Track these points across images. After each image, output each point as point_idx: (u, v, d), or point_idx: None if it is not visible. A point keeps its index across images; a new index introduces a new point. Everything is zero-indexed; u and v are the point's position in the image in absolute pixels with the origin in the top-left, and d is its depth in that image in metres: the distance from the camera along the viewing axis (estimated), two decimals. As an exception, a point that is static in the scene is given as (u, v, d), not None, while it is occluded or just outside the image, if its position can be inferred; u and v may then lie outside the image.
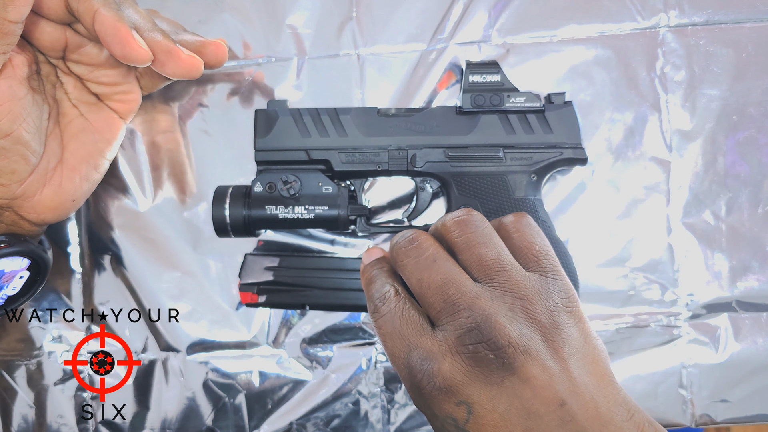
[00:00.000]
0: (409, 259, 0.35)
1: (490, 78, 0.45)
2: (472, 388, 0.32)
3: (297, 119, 0.46)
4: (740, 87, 0.49)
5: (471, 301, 0.33)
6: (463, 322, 0.32)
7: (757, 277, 0.49)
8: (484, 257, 0.35)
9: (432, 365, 0.32)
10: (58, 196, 0.43)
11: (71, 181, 0.43)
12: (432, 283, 0.34)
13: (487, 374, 0.31)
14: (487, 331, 0.31)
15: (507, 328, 0.32)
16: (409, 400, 0.50)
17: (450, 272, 0.34)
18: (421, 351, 0.33)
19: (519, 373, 0.31)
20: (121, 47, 0.38)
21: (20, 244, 0.42)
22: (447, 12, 0.49)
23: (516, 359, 0.31)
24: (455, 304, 0.33)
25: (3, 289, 0.43)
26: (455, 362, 0.32)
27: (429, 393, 0.32)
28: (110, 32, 0.38)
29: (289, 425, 0.51)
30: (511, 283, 0.34)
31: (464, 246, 0.35)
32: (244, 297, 0.47)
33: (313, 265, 0.48)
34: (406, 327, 0.34)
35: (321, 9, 0.50)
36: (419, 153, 0.45)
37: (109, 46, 0.38)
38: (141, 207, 0.51)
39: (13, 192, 0.40)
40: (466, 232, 0.36)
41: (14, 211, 0.42)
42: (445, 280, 0.34)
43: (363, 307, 0.48)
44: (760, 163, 0.49)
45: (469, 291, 0.33)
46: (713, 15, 0.49)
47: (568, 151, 0.45)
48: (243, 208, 0.45)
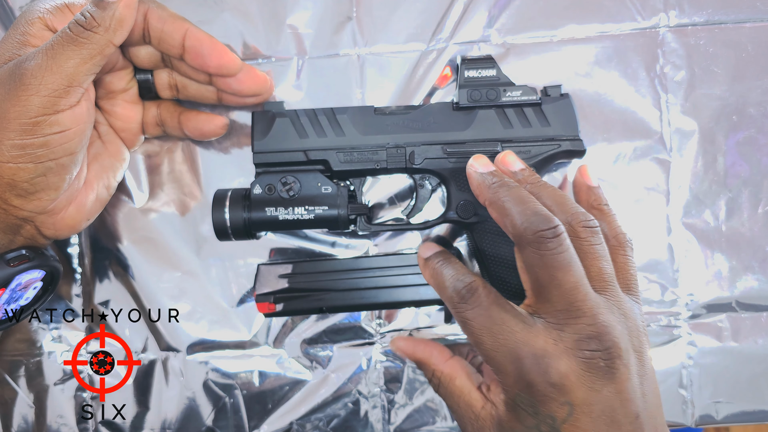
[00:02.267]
0: (548, 251, 0.35)
1: (485, 73, 0.45)
2: (579, 391, 0.34)
3: (294, 120, 0.46)
4: (740, 87, 0.49)
5: (594, 310, 0.35)
6: (584, 329, 0.34)
7: (757, 277, 0.49)
8: (604, 270, 0.37)
9: (548, 362, 0.34)
10: (78, 214, 0.44)
11: (89, 201, 0.44)
12: (564, 283, 0.35)
13: (593, 380, 0.34)
14: (606, 341, 0.34)
15: (620, 341, 0.34)
16: (409, 400, 0.50)
17: (581, 277, 0.35)
18: (533, 347, 0.34)
19: (617, 384, 0.34)
20: (219, 59, 0.43)
21: (39, 258, 0.42)
22: (447, 12, 0.49)
23: (619, 371, 0.34)
24: (580, 310, 0.35)
25: (18, 300, 0.43)
26: (570, 364, 0.34)
27: (542, 389, 0.34)
28: (208, 46, 0.42)
29: (289, 425, 0.51)
30: (619, 299, 0.37)
31: (592, 254, 0.37)
32: (261, 307, 0.47)
33: (326, 268, 0.48)
34: (508, 320, 0.36)
35: (321, 9, 0.50)
36: (417, 150, 0.45)
37: (205, 59, 0.42)
38: (141, 208, 0.51)
39: (45, 207, 0.41)
40: (596, 242, 0.37)
41: (35, 225, 0.42)
42: (576, 284, 0.35)
43: (379, 305, 0.48)
44: (760, 163, 0.49)
45: (593, 300, 0.35)
46: (713, 15, 0.49)
47: (566, 143, 0.45)
48: (243, 211, 0.45)
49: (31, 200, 0.39)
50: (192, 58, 0.43)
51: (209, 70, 0.43)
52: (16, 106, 0.36)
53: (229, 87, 0.45)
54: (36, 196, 0.39)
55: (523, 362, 0.34)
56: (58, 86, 0.37)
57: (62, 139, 0.38)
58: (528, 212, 0.36)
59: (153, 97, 0.47)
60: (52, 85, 0.37)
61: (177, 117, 0.47)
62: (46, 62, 0.37)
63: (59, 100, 0.37)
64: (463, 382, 0.40)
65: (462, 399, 0.40)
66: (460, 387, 0.40)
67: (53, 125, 0.37)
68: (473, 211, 0.45)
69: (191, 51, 0.42)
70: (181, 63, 0.44)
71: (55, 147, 0.38)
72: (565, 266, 0.35)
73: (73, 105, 0.38)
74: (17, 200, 0.39)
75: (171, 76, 0.46)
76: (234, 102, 0.47)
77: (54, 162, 0.39)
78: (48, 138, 0.38)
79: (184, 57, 0.43)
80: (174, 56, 0.44)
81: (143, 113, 0.47)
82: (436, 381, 0.42)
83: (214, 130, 0.47)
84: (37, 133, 0.37)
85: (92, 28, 0.37)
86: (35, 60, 0.37)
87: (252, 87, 0.45)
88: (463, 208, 0.45)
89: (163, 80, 0.46)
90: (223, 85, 0.45)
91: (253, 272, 0.48)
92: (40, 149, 0.38)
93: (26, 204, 0.39)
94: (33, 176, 0.38)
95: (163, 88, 0.47)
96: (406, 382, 0.50)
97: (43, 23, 0.39)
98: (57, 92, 0.37)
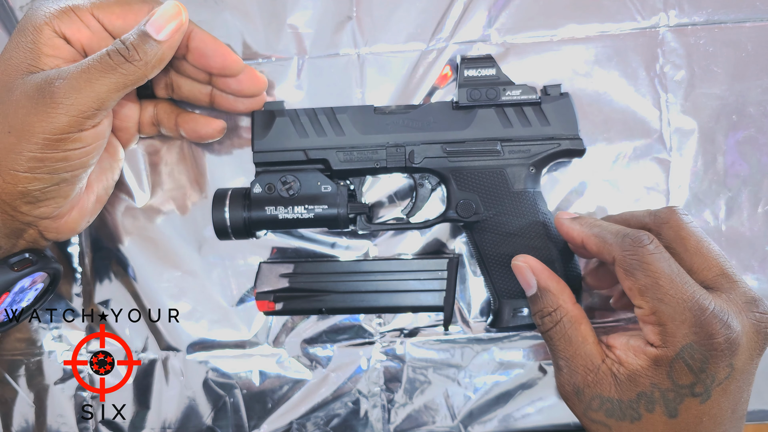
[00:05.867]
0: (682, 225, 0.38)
1: (485, 72, 0.45)
2: (743, 355, 0.34)
3: (294, 120, 0.46)
4: (740, 86, 0.49)
5: (740, 278, 0.36)
6: (746, 292, 0.35)
7: (757, 277, 0.49)
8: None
9: (731, 316, 0.34)
10: (80, 217, 0.44)
11: (90, 203, 0.45)
12: (715, 250, 0.37)
13: (752, 348, 0.35)
14: (763, 306, 0.35)
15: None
16: (408, 400, 0.50)
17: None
18: (713, 302, 0.34)
19: (760, 358, 0.35)
20: (222, 59, 0.43)
21: (42, 261, 0.42)
22: (447, 11, 0.49)
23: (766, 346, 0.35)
24: (733, 275, 0.36)
25: (20, 302, 0.43)
26: (744, 324, 0.34)
27: (720, 343, 0.34)
28: (211, 47, 0.43)
29: (289, 424, 0.51)
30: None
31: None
32: (261, 305, 0.47)
33: (327, 270, 0.48)
34: (682, 272, 0.35)
35: (321, 8, 0.50)
36: (417, 149, 0.45)
37: (208, 59, 0.43)
38: (141, 207, 0.51)
39: (51, 213, 0.41)
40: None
41: (38, 229, 0.42)
42: (722, 253, 0.37)
43: (378, 309, 0.48)
44: (760, 163, 0.49)
45: (735, 273, 0.37)
46: (713, 14, 0.49)
47: (566, 142, 0.45)
48: (243, 210, 0.45)
49: (39, 207, 0.40)
50: (195, 58, 0.43)
51: (212, 71, 0.44)
52: (43, 122, 0.37)
53: (229, 87, 0.45)
54: (45, 203, 0.40)
55: (706, 312, 0.34)
56: (88, 108, 0.37)
57: (81, 154, 0.39)
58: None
59: (149, 95, 0.47)
60: (82, 107, 0.37)
61: (174, 118, 0.47)
62: (81, 84, 0.37)
63: (86, 121, 0.38)
64: (589, 330, 0.39)
65: (584, 347, 0.38)
66: (585, 334, 0.38)
67: (76, 142, 0.38)
68: (473, 210, 0.45)
69: (195, 52, 0.43)
70: (183, 62, 0.44)
71: (74, 161, 0.39)
72: (700, 236, 0.37)
73: (96, 125, 0.39)
74: (26, 207, 0.39)
75: (168, 74, 0.46)
76: (226, 106, 0.47)
77: (70, 173, 0.39)
78: (68, 153, 0.38)
79: (187, 57, 0.43)
80: (177, 56, 0.44)
81: (140, 113, 0.47)
82: (556, 318, 0.39)
83: (211, 133, 0.47)
84: (59, 149, 0.38)
85: (133, 62, 0.38)
86: (69, 80, 0.37)
87: (251, 88, 0.45)
88: (462, 207, 0.45)
89: (160, 78, 0.46)
90: (223, 85, 0.45)
91: (254, 272, 0.48)
92: (60, 162, 0.38)
93: (33, 210, 0.40)
94: (47, 186, 0.39)
95: (159, 87, 0.47)
96: (406, 382, 0.50)
97: (52, 29, 0.39)
98: (86, 113, 0.37)
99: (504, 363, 0.50)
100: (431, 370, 0.50)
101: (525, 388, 0.50)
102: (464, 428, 0.50)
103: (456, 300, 0.49)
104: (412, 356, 0.50)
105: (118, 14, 0.40)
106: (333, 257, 0.50)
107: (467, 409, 0.50)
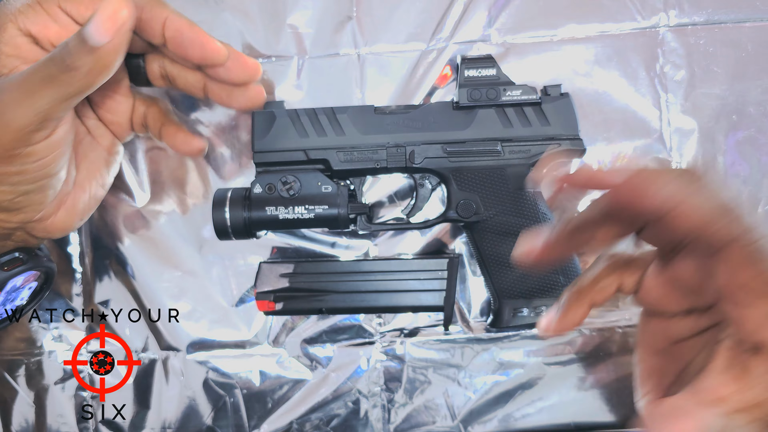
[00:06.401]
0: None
1: (485, 72, 0.45)
2: None
3: (294, 120, 0.46)
4: (740, 86, 0.49)
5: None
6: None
7: (757, 277, 0.49)
8: None
9: None
10: (70, 217, 0.43)
11: (81, 201, 0.43)
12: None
13: None
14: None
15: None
16: (408, 400, 0.50)
17: None
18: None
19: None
20: (201, 49, 0.39)
21: (33, 260, 0.42)
22: (447, 11, 0.49)
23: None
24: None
25: (14, 301, 0.43)
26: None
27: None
28: (188, 36, 0.38)
29: (289, 424, 0.51)
30: None
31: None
32: (261, 305, 0.47)
33: (328, 270, 0.48)
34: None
35: (321, 8, 0.50)
36: (417, 149, 0.45)
37: (186, 50, 0.39)
38: (141, 207, 0.51)
39: (32, 218, 0.40)
40: None
41: (26, 231, 0.41)
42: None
43: (379, 309, 0.48)
44: (760, 163, 0.49)
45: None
46: (713, 15, 0.49)
47: (566, 142, 0.45)
48: (243, 211, 0.45)
49: (17, 215, 0.39)
50: (173, 48, 0.39)
51: (193, 62, 0.41)
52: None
53: (218, 76, 0.42)
54: (20, 212, 0.39)
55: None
56: (30, 123, 0.34)
57: (39, 167, 0.37)
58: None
59: (145, 82, 0.44)
60: (22, 122, 0.34)
61: (159, 126, 0.45)
62: (20, 97, 0.34)
63: (32, 135, 0.35)
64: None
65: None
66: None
67: (28, 156, 0.36)
68: (473, 210, 0.45)
69: (171, 42, 0.39)
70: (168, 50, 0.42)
71: (32, 174, 0.37)
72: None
73: (47, 136, 0.36)
74: (3, 215, 0.38)
75: (162, 63, 0.43)
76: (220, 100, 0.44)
77: (33, 185, 0.37)
78: (23, 167, 0.36)
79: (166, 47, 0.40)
80: (157, 45, 0.41)
81: (132, 110, 0.45)
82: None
83: (189, 151, 0.45)
84: (11, 164, 0.35)
85: (72, 70, 0.33)
86: (7, 93, 0.34)
87: (241, 75, 0.41)
88: (463, 208, 0.45)
89: (154, 67, 0.43)
90: (213, 74, 0.42)
91: (254, 272, 0.48)
92: (15, 177, 0.36)
93: (12, 217, 0.39)
94: (12, 197, 0.37)
95: (155, 77, 0.44)
96: (406, 382, 0.50)
97: (16, 26, 0.37)
98: (28, 128, 0.34)
99: (504, 363, 0.50)
100: (431, 370, 0.50)
101: (525, 388, 0.50)
102: (464, 428, 0.50)
103: (456, 300, 0.49)
104: (412, 356, 0.50)
105: (87, 5, 0.37)
106: (333, 257, 0.50)
107: (467, 409, 0.50)
